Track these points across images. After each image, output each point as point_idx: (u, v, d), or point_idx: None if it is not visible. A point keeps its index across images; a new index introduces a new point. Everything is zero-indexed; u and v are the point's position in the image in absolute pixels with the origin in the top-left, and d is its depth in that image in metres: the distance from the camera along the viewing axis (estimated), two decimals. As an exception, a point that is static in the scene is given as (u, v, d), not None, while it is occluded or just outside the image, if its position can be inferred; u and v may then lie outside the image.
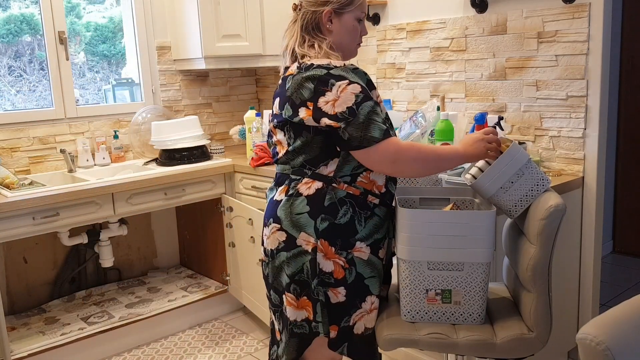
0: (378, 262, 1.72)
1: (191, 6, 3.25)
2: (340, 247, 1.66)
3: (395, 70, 3.10)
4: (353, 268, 1.68)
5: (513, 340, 1.62)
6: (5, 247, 3.00)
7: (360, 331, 1.73)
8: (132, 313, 3.01)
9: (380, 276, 1.74)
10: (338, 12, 1.71)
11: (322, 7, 1.71)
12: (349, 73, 1.61)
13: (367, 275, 1.70)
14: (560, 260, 2.38)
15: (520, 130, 2.62)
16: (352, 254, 1.68)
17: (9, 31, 3.16)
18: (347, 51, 1.78)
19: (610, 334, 1.05)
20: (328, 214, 1.65)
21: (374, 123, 1.57)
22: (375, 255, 1.71)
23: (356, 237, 1.67)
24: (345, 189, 1.66)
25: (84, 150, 3.20)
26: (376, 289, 1.73)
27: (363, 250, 1.68)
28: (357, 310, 1.71)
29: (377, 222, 1.70)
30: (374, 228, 1.70)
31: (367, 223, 1.68)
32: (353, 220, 1.67)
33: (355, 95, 1.57)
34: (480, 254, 1.64)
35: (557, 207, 1.56)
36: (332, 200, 1.66)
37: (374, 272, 1.71)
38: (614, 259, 4.01)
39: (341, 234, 1.66)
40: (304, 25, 1.75)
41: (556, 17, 2.43)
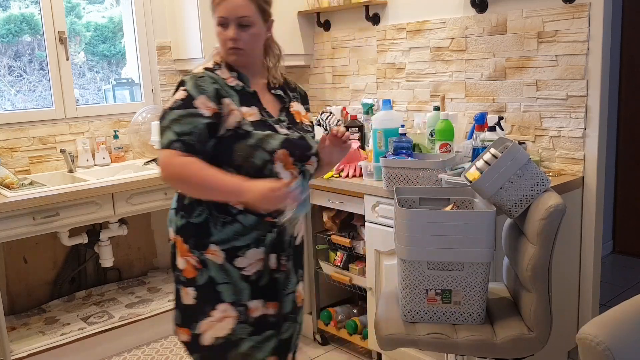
0: (234, 271, 1.66)
1: (191, 6, 3.25)
2: (193, 246, 1.66)
3: (395, 70, 3.10)
4: (205, 270, 1.65)
5: (513, 340, 1.62)
6: (5, 247, 3.00)
7: (208, 342, 1.67)
8: (132, 313, 3.01)
9: (237, 285, 1.66)
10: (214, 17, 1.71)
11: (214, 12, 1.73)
12: (191, 80, 1.63)
13: (220, 281, 1.65)
14: (560, 260, 2.38)
15: (520, 130, 2.62)
16: (205, 256, 1.65)
17: (9, 31, 3.16)
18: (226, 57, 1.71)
19: (610, 334, 1.05)
20: (186, 212, 1.69)
21: (169, 130, 1.56)
22: (230, 263, 1.65)
23: (210, 239, 1.65)
24: None
25: (84, 150, 3.20)
26: (230, 297, 1.66)
27: (217, 253, 1.65)
28: (205, 318, 1.66)
29: (238, 229, 1.64)
30: (233, 234, 1.64)
31: (224, 228, 1.64)
32: (207, 221, 1.65)
33: (175, 100, 1.60)
34: (480, 254, 1.65)
35: (557, 207, 1.57)
36: (190, 200, 1.68)
37: (228, 279, 1.65)
38: (614, 259, 4.01)
39: (195, 233, 1.66)
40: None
41: (556, 17, 2.43)
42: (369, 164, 2.52)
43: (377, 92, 3.22)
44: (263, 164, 1.61)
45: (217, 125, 1.60)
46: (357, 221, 2.74)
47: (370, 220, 2.49)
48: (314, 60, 3.55)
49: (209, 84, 1.62)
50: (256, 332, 1.70)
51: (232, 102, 1.63)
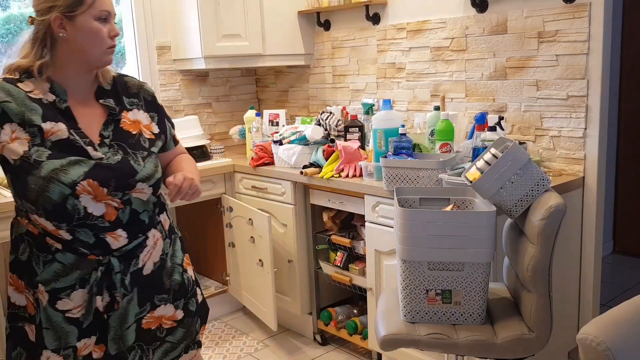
0: (56, 315, 1.48)
1: (191, 6, 3.25)
2: (27, 283, 1.52)
3: (395, 70, 3.10)
4: (39, 310, 1.50)
5: (513, 341, 1.62)
6: (5, 247, 2.99)
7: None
8: (132, 313, 3.01)
9: (59, 331, 1.49)
10: (69, 17, 1.43)
11: (48, 14, 1.43)
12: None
13: (44, 325, 1.49)
14: (560, 260, 2.38)
15: (520, 130, 2.62)
16: (38, 294, 1.50)
17: (8, 31, 3.16)
18: (95, 58, 1.49)
19: (610, 334, 1.04)
20: (13, 248, 1.54)
21: None
22: (52, 307, 1.48)
23: (36, 278, 1.49)
24: (25, 225, 1.50)
25: (84, 150, 3.20)
26: (53, 343, 1.49)
27: (43, 294, 1.49)
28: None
29: (57, 269, 1.47)
30: (53, 275, 1.47)
31: (45, 267, 1.47)
32: (30, 260, 1.49)
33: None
34: (480, 254, 1.64)
35: (557, 207, 1.56)
36: (15, 234, 1.54)
37: (49, 324, 1.49)
38: (614, 259, 4.01)
39: (24, 270, 1.51)
40: (35, 38, 1.47)
41: (556, 17, 2.43)
42: (369, 164, 2.52)
43: (377, 92, 3.22)
44: (61, 199, 1.39)
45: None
46: (357, 221, 2.74)
47: (370, 220, 2.49)
48: (314, 60, 3.55)
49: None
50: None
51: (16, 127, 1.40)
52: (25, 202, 1.42)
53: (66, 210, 1.40)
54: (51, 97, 1.45)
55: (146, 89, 1.65)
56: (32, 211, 1.43)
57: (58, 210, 1.40)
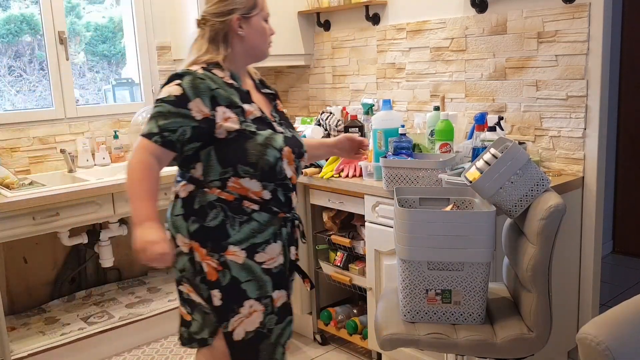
0: (256, 267, 1.70)
1: (191, 6, 3.25)
2: (211, 250, 1.68)
3: (395, 70, 3.10)
4: (227, 271, 1.68)
5: (513, 340, 1.62)
6: (5, 247, 2.99)
7: (241, 337, 1.72)
8: (132, 313, 3.01)
9: (260, 280, 1.71)
10: (246, 17, 1.75)
11: (229, 15, 1.73)
12: (190, 79, 1.66)
13: (243, 280, 1.69)
14: (560, 260, 2.38)
15: (520, 130, 2.62)
16: (225, 257, 1.68)
17: (9, 31, 3.16)
18: (261, 52, 1.83)
19: (610, 334, 1.05)
20: (197, 217, 1.68)
21: (154, 121, 1.64)
22: (251, 260, 1.70)
23: (228, 240, 1.68)
24: (217, 194, 1.68)
25: (84, 150, 3.20)
26: (254, 293, 1.71)
27: (237, 254, 1.68)
28: (235, 315, 1.71)
29: (255, 227, 1.69)
30: (250, 233, 1.69)
31: (242, 227, 1.68)
32: (224, 224, 1.67)
33: (169, 93, 1.65)
34: (480, 254, 1.65)
35: (557, 207, 1.57)
36: (201, 204, 1.69)
37: (251, 276, 1.70)
38: (614, 259, 4.01)
39: (211, 237, 1.68)
40: (211, 37, 1.75)
41: (556, 17, 2.43)
42: (369, 164, 2.52)
43: (377, 92, 3.22)
44: (275, 161, 1.68)
45: (205, 130, 1.63)
46: (357, 221, 2.74)
47: (370, 220, 2.49)
48: (314, 60, 3.55)
49: (207, 88, 1.65)
50: (280, 320, 1.78)
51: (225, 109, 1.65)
52: (244, 166, 1.66)
53: (275, 171, 1.69)
54: (234, 83, 1.73)
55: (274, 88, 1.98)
56: (247, 174, 1.67)
57: (272, 171, 1.69)
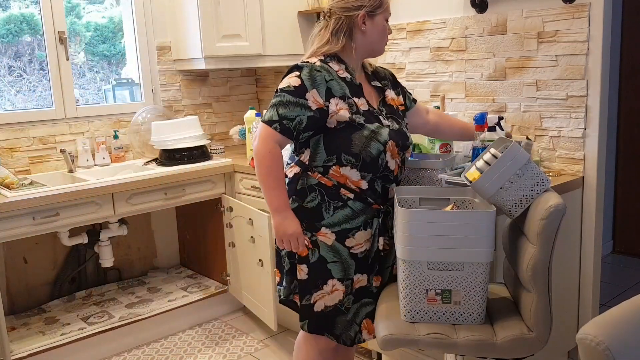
0: (343, 250, 1.86)
1: (191, 6, 3.25)
2: (305, 228, 1.85)
3: (395, 70, 3.10)
4: (316, 250, 1.85)
5: (513, 340, 1.62)
6: (5, 247, 3.00)
7: (320, 309, 1.89)
8: (132, 313, 3.01)
9: (345, 263, 1.86)
10: (371, 15, 1.86)
11: (356, 11, 1.85)
12: (308, 71, 1.80)
13: (329, 260, 1.86)
14: (560, 260, 2.38)
15: (520, 130, 2.62)
16: (316, 237, 1.85)
17: (9, 31, 3.16)
18: (378, 49, 1.94)
19: (610, 334, 1.05)
20: (298, 196, 1.86)
21: (275, 110, 1.78)
22: (341, 243, 1.85)
23: (322, 222, 1.84)
24: (318, 178, 1.84)
25: (84, 150, 3.20)
26: (338, 274, 1.87)
27: (328, 235, 1.85)
28: (317, 290, 1.88)
29: (348, 213, 1.84)
30: (343, 218, 1.84)
31: (335, 212, 1.84)
32: (320, 206, 1.84)
33: (289, 84, 1.79)
34: (480, 254, 1.65)
35: (557, 207, 1.56)
36: (303, 186, 1.86)
37: (337, 257, 1.86)
38: (614, 259, 4.01)
39: (307, 217, 1.85)
40: (335, 29, 1.88)
41: (556, 17, 2.43)
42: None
43: (377, 92, 3.22)
44: (377, 154, 1.81)
45: (319, 119, 1.78)
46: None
47: (370, 220, 2.49)
48: (314, 60, 3.55)
49: (323, 79, 1.79)
50: (356, 300, 1.91)
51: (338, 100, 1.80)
52: (347, 155, 1.80)
53: (377, 163, 1.82)
54: (347, 76, 1.86)
55: (389, 71, 2.10)
56: (349, 163, 1.80)
57: (373, 162, 1.82)
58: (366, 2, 1.84)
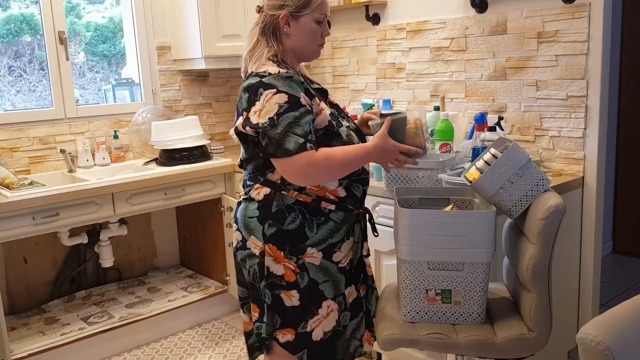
0: (332, 266, 1.73)
1: (191, 6, 3.25)
2: (289, 252, 1.69)
3: (395, 70, 3.10)
4: (305, 273, 1.70)
5: (513, 340, 1.62)
6: (5, 247, 3.00)
7: (320, 337, 1.74)
8: (132, 313, 3.01)
9: (335, 280, 1.74)
10: (295, 16, 1.69)
11: (278, 10, 1.69)
12: (281, 82, 1.60)
13: (320, 281, 1.72)
14: (560, 260, 2.38)
15: (520, 130, 2.62)
16: (302, 260, 1.69)
17: (9, 31, 3.16)
18: (307, 53, 1.77)
19: (610, 334, 1.05)
20: (275, 220, 1.68)
21: (290, 135, 1.57)
22: (328, 260, 1.72)
23: (307, 243, 1.69)
24: (295, 196, 1.68)
25: (84, 150, 3.20)
26: (331, 293, 1.73)
27: (314, 255, 1.70)
28: (313, 316, 1.72)
29: (331, 227, 1.71)
30: (328, 233, 1.71)
31: (319, 229, 1.70)
32: (302, 226, 1.68)
33: (279, 105, 1.58)
34: (480, 254, 1.65)
35: (557, 207, 1.57)
36: (279, 207, 1.68)
37: (327, 276, 1.72)
38: (614, 259, 4.01)
39: (290, 240, 1.68)
40: (262, 28, 1.73)
41: (556, 17, 2.43)
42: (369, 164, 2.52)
43: (377, 92, 3.22)
44: None
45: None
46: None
47: (370, 220, 2.49)
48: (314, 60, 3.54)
49: (298, 82, 1.64)
50: (354, 316, 1.81)
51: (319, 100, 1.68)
52: None
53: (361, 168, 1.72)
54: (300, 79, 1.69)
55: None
56: None
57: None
58: (289, 1, 1.68)
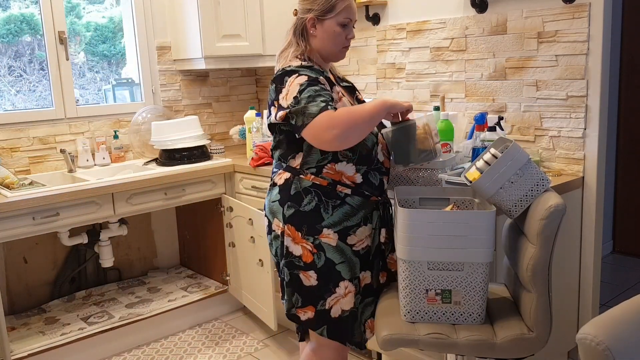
0: (347, 249, 1.81)
1: (191, 6, 3.25)
2: (306, 233, 1.80)
3: (395, 70, 3.10)
4: (322, 253, 1.80)
5: (513, 340, 1.62)
6: (5, 247, 3.00)
7: (338, 314, 1.83)
8: (132, 313, 3.01)
9: (351, 262, 1.82)
10: (320, 19, 1.84)
11: (306, 14, 1.86)
12: (302, 69, 1.77)
13: (337, 261, 1.81)
14: (560, 260, 2.38)
15: (520, 130, 2.62)
16: (319, 240, 1.80)
17: (9, 31, 3.16)
18: (331, 55, 1.90)
19: (610, 334, 1.05)
20: (293, 202, 1.81)
21: (313, 102, 1.67)
22: (343, 242, 1.81)
23: (322, 223, 1.79)
24: (311, 179, 1.80)
25: (84, 150, 3.20)
26: (347, 274, 1.82)
27: (330, 236, 1.80)
28: (331, 294, 1.82)
29: (347, 210, 1.80)
30: (343, 216, 1.80)
31: (334, 211, 1.79)
32: (318, 207, 1.79)
33: (300, 84, 1.71)
34: (480, 254, 1.65)
35: (557, 207, 1.56)
36: (297, 190, 1.81)
37: (343, 257, 1.81)
38: (614, 259, 4.01)
39: (307, 220, 1.80)
40: (294, 30, 1.90)
41: (556, 17, 2.43)
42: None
43: (377, 92, 3.22)
44: (372, 146, 1.82)
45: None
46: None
47: (370, 220, 2.49)
48: (314, 60, 3.55)
49: (318, 70, 1.78)
50: (361, 300, 1.88)
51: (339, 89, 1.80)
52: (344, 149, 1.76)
53: (372, 155, 1.82)
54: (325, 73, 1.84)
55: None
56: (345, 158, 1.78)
57: (369, 155, 1.81)
58: (316, 5, 1.84)
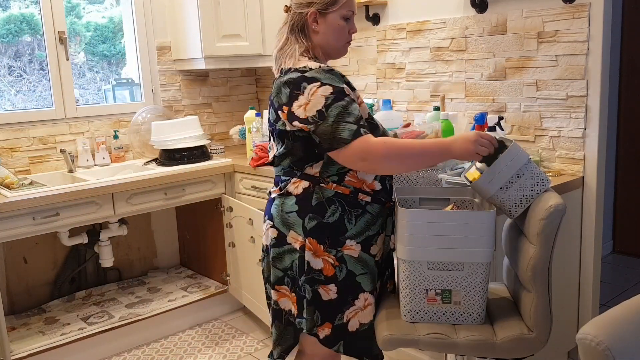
0: (370, 259, 1.74)
1: (191, 6, 3.25)
2: (329, 246, 1.70)
3: (395, 70, 3.10)
4: (344, 266, 1.71)
5: (513, 340, 1.62)
6: (5, 247, 3.00)
7: (355, 328, 1.75)
8: (132, 313, 3.01)
9: (373, 273, 1.75)
10: (322, 13, 1.72)
11: (306, 8, 1.72)
12: (323, 75, 1.63)
13: (358, 273, 1.73)
14: (560, 260, 2.38)
15: (520, 130, 2.62)
16: (342, 252, 1.70)
17: (9, 31, 3.16)
18: (335, 50, 1.80)
19: (610, 334, 1.05)
20: (316, 213, 1.69)
21: (343, 124, 1.57)
22: (366, 253, 1.73)
23: (346, 235, 1.70)
24: (333, 188, 1.70)
25: (84, 150, 3.20)
26: (368, 286, 1.74)
27: (353, 247, 1.71)
28: (349, 307, 1.73)
29: (368, 219, 1.73)
30: (365, 225, 1.72)
31: (357, 221, 1.71)
32: (342, 218, 1.70)
33: (325, 97, 1.59)
34: (480, 254, 1.64)
35: (557, 207, 1.56)
36: (319, 200, 1.69)
37: (365, 269, 1.73)
38: (614, 259, 4.01)
39: (330, 233, 1.69)
40: (291, 26, 1.76)
41: (556, 17, 2.43)
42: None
43: (377, 92, 3.22)
44: None
45: None
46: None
47: (370, 220, 2.49)
48: (314, 60, 3.55)
49: (339, 74, 1.67)
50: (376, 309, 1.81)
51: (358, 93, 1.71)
52: None
53: None
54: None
55: None
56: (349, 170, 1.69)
57: None
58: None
